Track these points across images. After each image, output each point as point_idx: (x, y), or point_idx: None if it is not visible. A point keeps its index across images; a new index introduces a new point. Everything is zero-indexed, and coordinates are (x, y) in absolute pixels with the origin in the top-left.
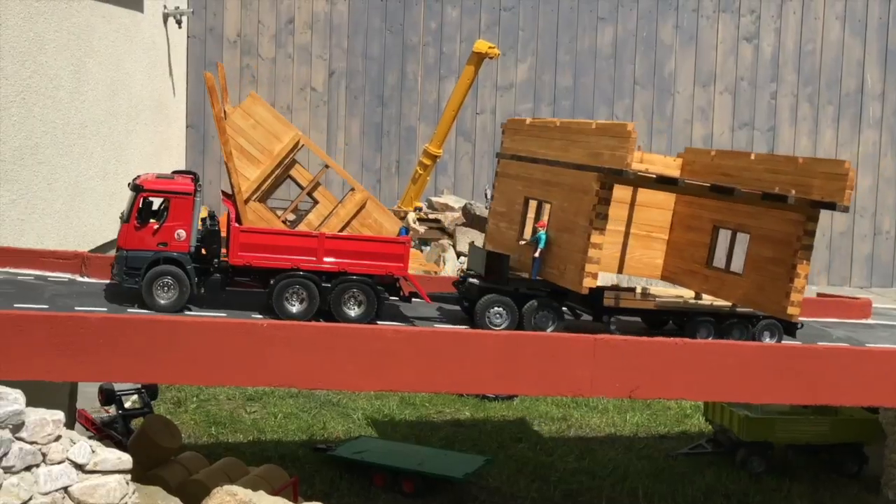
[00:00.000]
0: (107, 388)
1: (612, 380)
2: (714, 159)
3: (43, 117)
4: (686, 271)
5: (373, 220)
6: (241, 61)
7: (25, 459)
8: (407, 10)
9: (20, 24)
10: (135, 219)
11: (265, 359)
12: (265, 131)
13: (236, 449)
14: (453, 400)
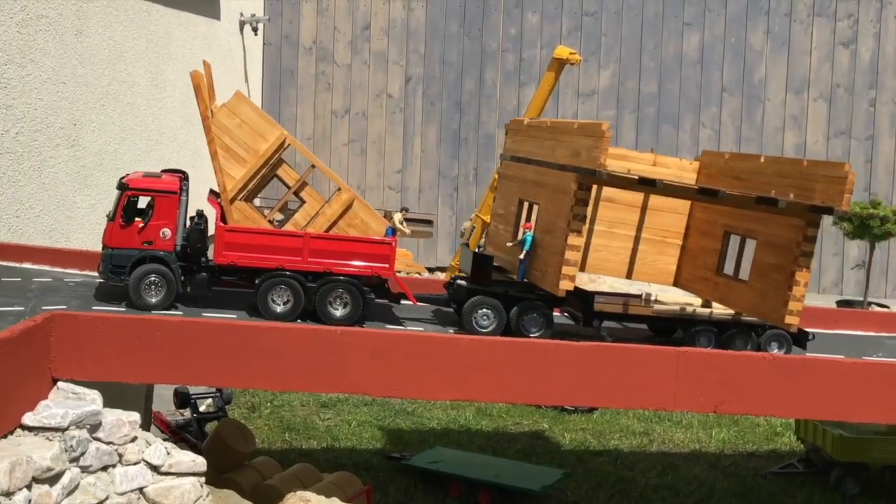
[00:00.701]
0: (182, 391)
1: (696, 394)
2: (727, 162)
3: (121, 123)
4: (698, 278)
5: (359, 220)
6: (317, 68)
7: (102, 459)
8: (486, 15)
9: (100, 33)
10: (120, 217)
11: (340, 365)
12: (251, 130)
13: (310, 455)
14: (531, 412)
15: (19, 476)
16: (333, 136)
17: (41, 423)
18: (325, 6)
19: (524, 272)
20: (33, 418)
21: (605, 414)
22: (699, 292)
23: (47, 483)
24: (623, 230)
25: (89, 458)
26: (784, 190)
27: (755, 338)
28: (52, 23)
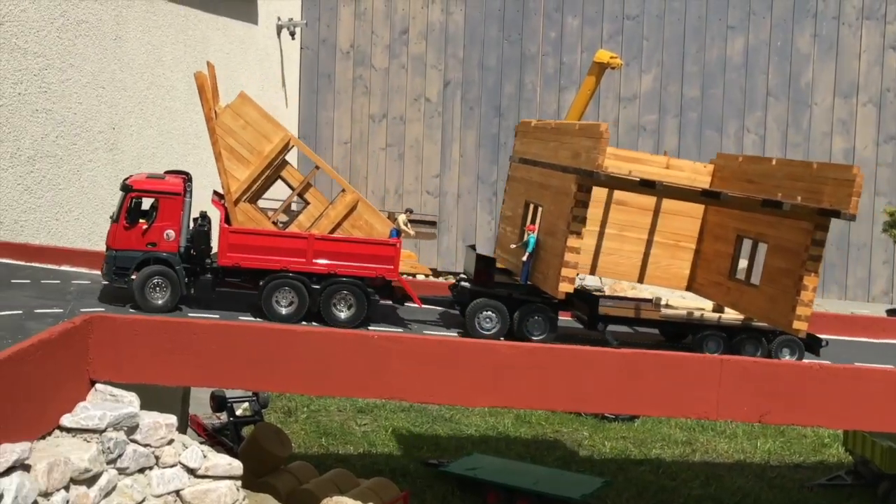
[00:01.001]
0: (218, 394)
1: (740, 403)
2: (741, 165)
3: (159, 127)
4: (711, 283)
5: (363, 221)
6: (354, 72)
7: (139, 461)
8: (525, 19)
9: (139, 38)
10: (124, 218)
11: (377, 371)
12: (255, 132)
13: (346, 461)
14: (571, 419)
15: (57, 477)
16: (371, 141)
17: (79, 425)
18: (362, 10)
19: (527, 274)
20: (71, 419)
21: (646, 422)
22: (712, 297)
23: (85, 484)
24: (635, 233)
25: (126, 459)
26: (794, 193)
27: (766, 344)
28: (92, 28)
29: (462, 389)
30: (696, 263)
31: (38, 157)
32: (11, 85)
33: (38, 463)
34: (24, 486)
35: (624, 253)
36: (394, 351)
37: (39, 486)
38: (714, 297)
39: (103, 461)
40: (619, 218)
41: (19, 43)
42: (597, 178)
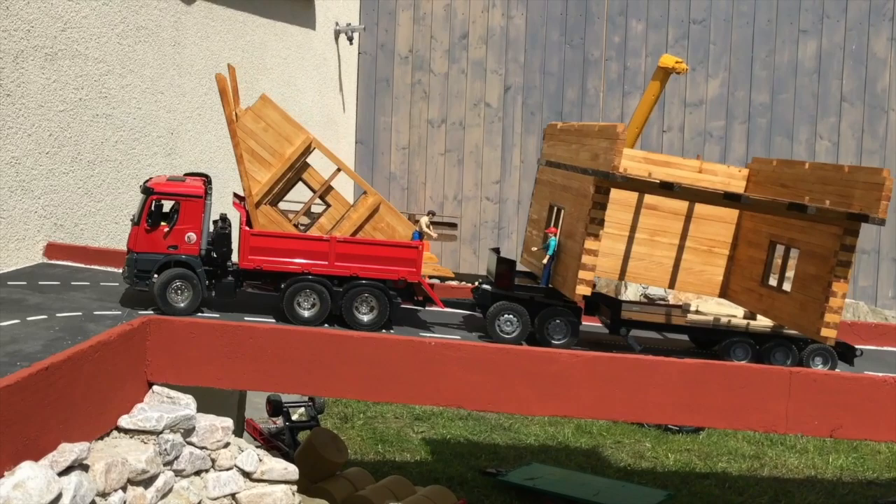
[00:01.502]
0: (274, 399)
1: (810, 416)
2: (775, 169)
3: (217, 132)
4: (744, 289)
5: (385, 223)
6: (413, 77)
7: (195, 464)
8: (588, 23)
9: (197, 43)
10: (145, 221)
11: (434, 377)
12: (276, 134)
13: (403, 468)
14: (633, 430)
15: (115, 477)
16: (429, 146)
17: (136, 426)
18: (421, 15)
19: (548, 277)
20: (129, 421)
21: (711, 435)
22: (745, 304)
23: (142, 485)
24: (666, 239)
25: (183, 461)
26: (826, 197)
27: (796, 352)
28: (151, 34)
29: (521, 398)
30: (731, 270)
31: (98, 161)
32: (73, 90)
33: (96, 463)
34: (82, 486)
35: (655, 258)
36: (451, 358)
37: (97, 486)
38: (747, 304)
39: (160, 463)
40: (650, 223)
41: (80, 49)
42: (612, 180)
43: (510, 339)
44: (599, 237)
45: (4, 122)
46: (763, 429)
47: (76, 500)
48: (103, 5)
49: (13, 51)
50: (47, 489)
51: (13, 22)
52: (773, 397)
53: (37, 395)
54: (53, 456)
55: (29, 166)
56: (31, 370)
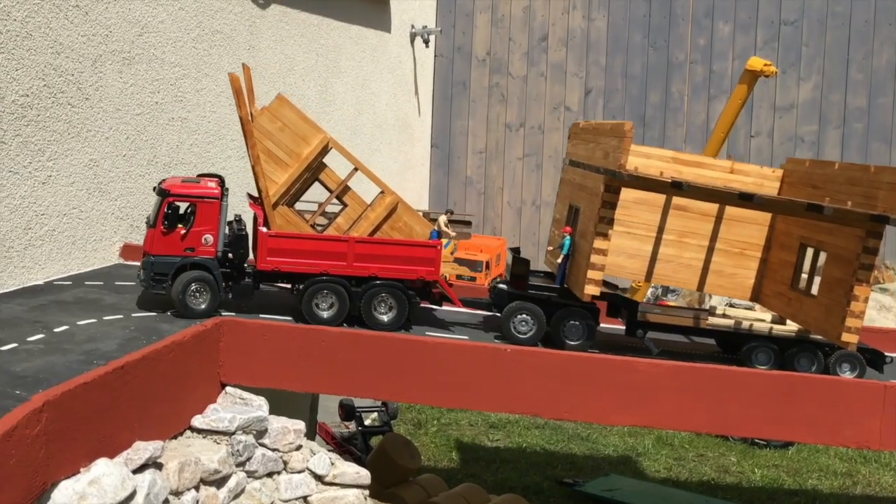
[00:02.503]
0: (347, 403)
1: None
2: (807, 169)
3: None
4: (775, 293)
5: (403, 223)
6: (490, 79)
7: (267, 465)
8: (672, 26)
9: (272, 47)
10: (161, 224)
11: (509, 385)
12: (293, 134)
13: (477, 476)
14: (717, 443)
15: (188, 476)
16: (507, 150)
17: (210, 426)
18: (500, 17)
19: (563, 277)
20: (202, 421)
21: (801, 451)
22: (775, 308)
23: (214, 485)
24: (696, 240)
25: (255, 463)
26: (853, 198)
27: (822, 358)
28: (226, 38)
29: (599, 407)
30: (763, 273)
31: (174, 164)
32: (149, 94)
33: (169, 462)
34: (155, 484)
35: (683, 260)
36: (527, 365)
37: (170, 485)
38: (776, 308)
39: (232, 463)
40: (679, 224)
41: (157, 53)
42: (620, 178)
43: (525, 339)
44: (609, 237)
45: (83, 125)
46: (855, 445)
47: (150, 497)
48: (179, 10)
49: (92, 55)
50: (122, 486)
51: (92, 27)
52: (866, 412)
53: (112, 393)
54: (128, 454)
55: (106, 169)
56: (107, 368)
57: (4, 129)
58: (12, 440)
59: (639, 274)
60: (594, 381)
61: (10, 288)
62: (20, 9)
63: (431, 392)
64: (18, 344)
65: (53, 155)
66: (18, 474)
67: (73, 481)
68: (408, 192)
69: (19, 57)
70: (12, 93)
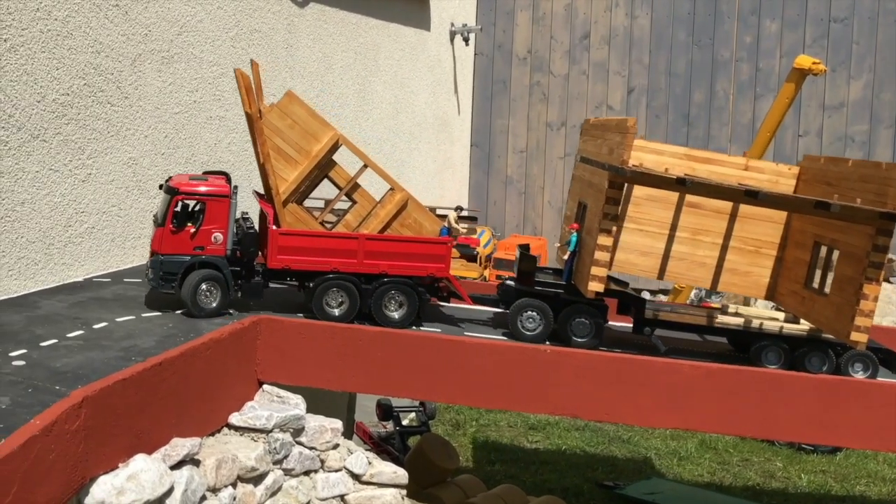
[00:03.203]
0: (385, 403)
1: None
2: (822, 167)
3: None
4: (790, 291)
5: (412, 220)
6: (531, 78)
7: (304, 464)
8: (718, 23)
9: (310, 46)
10: (170, 222)
11: (549, 386)
12: (303, 131)
13: (515, 477)
14: (763, 448)
15: (225, 473)
16: (548, 149)
17: (247, 424)
18: (541, 15)
19: (569, 273)
20: (239, 418)
21: (849, 456)
22: (789, 307)
23: (252, 482)
24: (710, 238)
25: (292, 461)
26: (864, 196)
27: (833, 358)
28: (265, 37)
29: (640, 409)
30: (779, 271)
31: (212, 162)
32: (188, 93)
33: (207, 459)
34: (193, 480)
35: (697, 258)
36: (567, 366)
37: (208, 482)
38: (791, 307)
39: (269, 461)
40: (692, 221)
41: (195, 52)
42: (622, 174)
43: (532, 335)
44: (612, 233)
45: (122, 123)
46: None
47: (187, 494)
48: (218, 9)
49: (131, 54)
50: (160, 482)
51: (132, 26)
52: None
53: (150, 389)
54: (166, 450)
55: (145, 167)
56: (145, 365)
57: (45, 127)
58: (52, 435)
59: (651, 272)
60: (635, 383)
61: (51, 284)
62: (61, 8)
63: (469, 392)
64: (58, 340)
65: (93, 153)
66: (58, 469)
67: (111, 476)
68: (447, 191)
69: (60, 56)
70: (53, 91)
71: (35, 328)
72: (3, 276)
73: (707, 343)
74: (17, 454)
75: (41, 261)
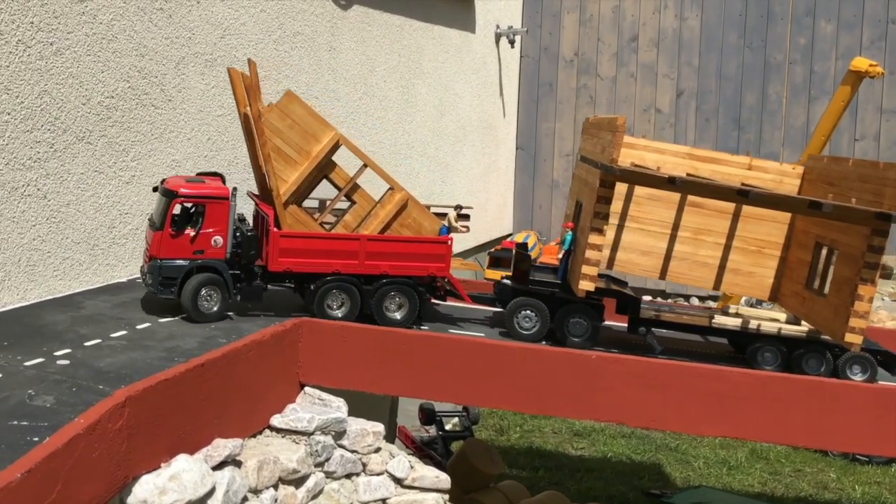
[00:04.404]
0: (427, 407)
1: None
2: (825, 166)
3: (371, 137)
4: (792, 293)
5: (412, 219)
6: (578, 81)
7: (346, 467)
8: (770, 24)
9: (353, 48)
10: (169, 226)
11: (595, 392)
12: (303, 131)
13: (560, 484)
14: (816, 458)
15: (267, 475)
16: None
17: (288, 426)
18: (588, 17)
19: (564, 272)
20: (281, 420)
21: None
22: (791, 308)
23: (293, 485)
24: (712, 238)
25: (334, 464)
26: (863, 195)
27: (831, 359)
28: (307, 39)
29: (688, 416)
30: (782, 272)
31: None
32: (230, 96)
33: (248, 460)
34: (235, 481)
35: (699, 258)
36: (614, 372)
37: (249, 483)
38: (792, 308)
39: (311, 463)
40: (695, 221)
41: (238, 55)
42: (612, 173)
43: (529, 335)
44: (604, 232)
45: (166, 126)
46: None
47: (229, 494)
48: (261, 12)
49: (175, 57)
50: (201, 482)
51: (175, 30)
52: None
53: (192, 390)
54: (208, 450)
55: (188, 169)
56: (188, 365)
57: (90, 129)
58: (95, 434)
59: (653, 271)
60: (682, 390)
61: (95, 285)
62: (106, 12)
63: (513, 397)
64: (102, 340)
65: (137, 155)
66: (101, 467)
67: (153, 476)
68: (491, 195)
69: (105, 59)
70: (98, 94)
71: (79, 328)
72: (49, 276)
73: (708, 344)
74: (62, 452)
75: (86, 261)
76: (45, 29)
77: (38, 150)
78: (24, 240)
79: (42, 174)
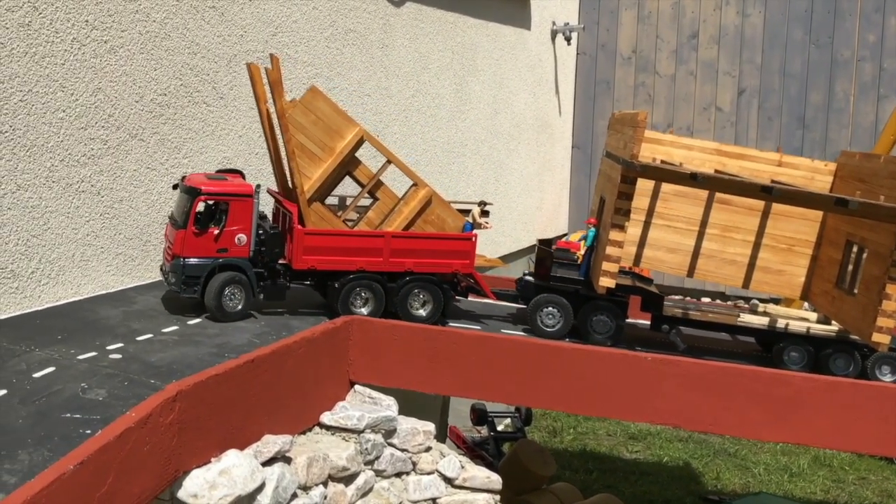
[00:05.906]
0: (479, 407)
1: None
2: (857, 163)
3: (423, 135)
4: (822, 291)
5: (435, 216)
6: (636, 78)
7: (396, 465)
8: (838, 21)
9: (406, 45)
10: (192, 224)
11: (649, 394)
12: (326, 127)
13: (614, 487)
14: (881, 466)
15: (316, 472)
16: None
17: (338, 424)
18: (646, 13)
19: (586, 269)
20: (331, 418)
21: None
22: (821, 307)
23: (343, 482)
24: (740, 235)
25: (384, 462)
26: (893, 193)
27: (859, 360)
28: (360, 37)
29: (748, 421)
30: (813, 271)
31: None
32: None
33: (298, 456)
34: (284, 477)
35: (726, 255)
36: (669, 374)
37: (299, 479)
38: (822, 307)
39: (361, 461)
40: (722, 218)
41: (290, 53)
42: (633, 168)
43: (552, 332)
44: (625, 228)
45: (217, 123)
46: None
47: (279, 490)
48: (313, 9)
49: (227, 55)
50: (251, 477)
51: (227, 27)
52: None
53: (243, 385)
54: (257, 446)
55: (239, 166)
56: (238, 361)
57: (143, 126)
58: (146, 427)
59: (679, 269)
60: (741, 394)
61: (147, 280)
62: (159, 10)
63: (566, 399)
64: (154, 335)
65: (189, 152)
66: (152, 461)
67: (203, 470)
68: (546, 193)
69: (158, 57)
70: (151, 92)
71: (131, 323)
72: (102, 271)
73: (736, 342)
74: (113, 445)
75: (138, 257)
76: (100, 27)
77: (92, 146)
78: (77, 235)
79: (96, 171)
